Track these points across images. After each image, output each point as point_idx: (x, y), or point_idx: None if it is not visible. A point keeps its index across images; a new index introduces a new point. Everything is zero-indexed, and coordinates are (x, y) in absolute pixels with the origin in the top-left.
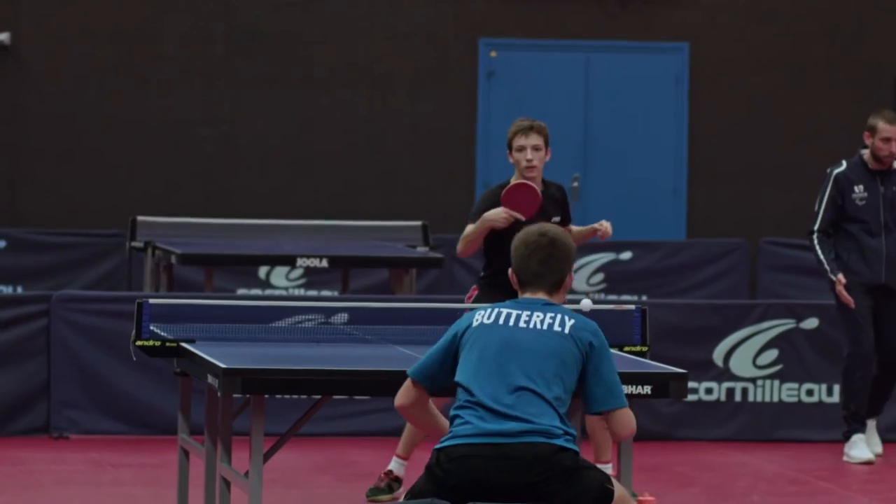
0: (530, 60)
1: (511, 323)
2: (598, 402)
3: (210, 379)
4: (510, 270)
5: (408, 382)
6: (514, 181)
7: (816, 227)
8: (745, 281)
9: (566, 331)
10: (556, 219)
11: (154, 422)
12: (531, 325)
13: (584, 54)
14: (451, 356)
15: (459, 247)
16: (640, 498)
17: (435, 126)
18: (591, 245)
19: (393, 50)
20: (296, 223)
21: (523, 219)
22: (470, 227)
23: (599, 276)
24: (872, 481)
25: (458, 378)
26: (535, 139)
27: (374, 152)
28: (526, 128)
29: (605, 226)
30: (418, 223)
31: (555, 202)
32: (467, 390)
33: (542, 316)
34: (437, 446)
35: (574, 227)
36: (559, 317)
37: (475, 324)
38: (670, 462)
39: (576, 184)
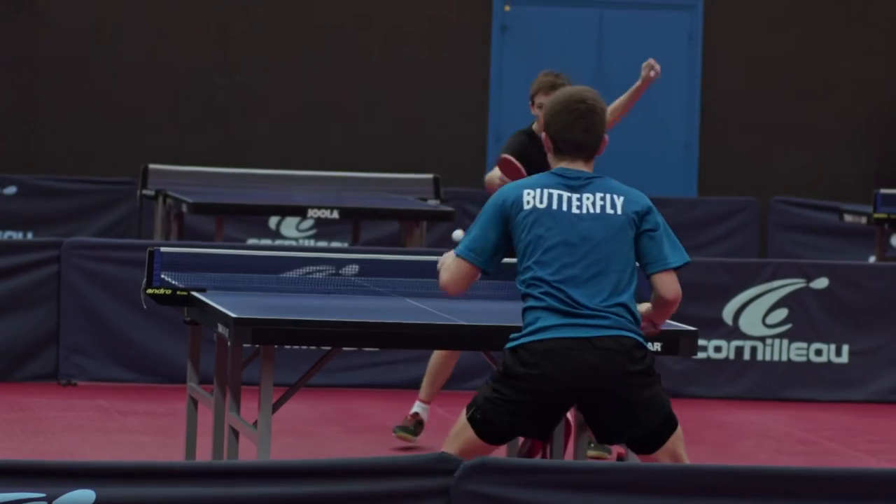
0: (544, 15)
1: (565, 208)
2: (664, 259)
3: (220, 328)
4: (543, 135)
5: (457, 260)
6: (535, 127)
7: None
8: (754, 239)
9: (618, 211)
10: None
11: (163, 370)
12: (585, 210)
13: (598, 10)
14: (501, 232)
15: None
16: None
17: (447, 79)
18: None
19: (407, 2)
20: (307, 174)
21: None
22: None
23: None
24: (880, 441)
25: (528, 265)
26: None
27: (387, 104)
28: (549, 85)
29: (651, 63)
30: (429, 176)
31: None
32: (543, 281)
33: (592, 198)
34: (513, 344)
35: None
36: (609, 197)
37: (527, 206)
38: (678, 419)
39: None
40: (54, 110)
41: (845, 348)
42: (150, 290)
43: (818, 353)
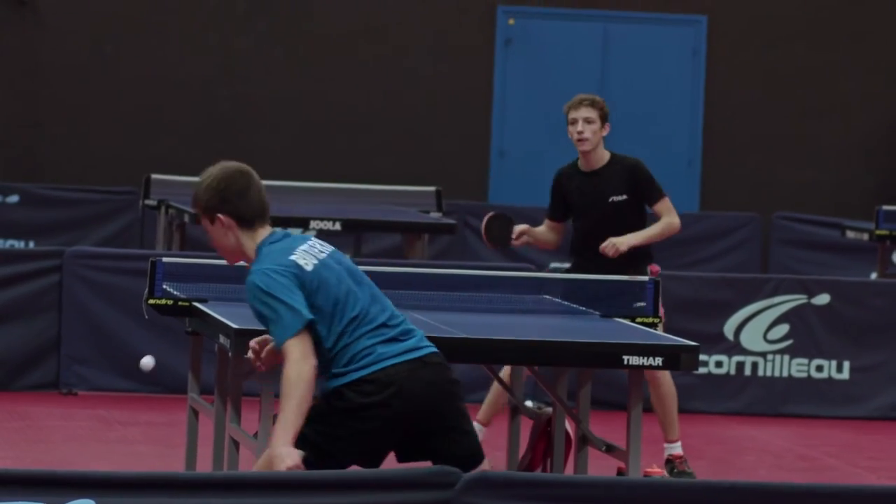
0: (548, 29)
1: (320, 257)
2: None
3: (221, 339)
4: (219, 217)
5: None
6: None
7: None
8: (757, 255)
9: (325, 247)
10: (620, 198)
11: (164, 380)
12: (323, 254)
13: (603, 24)
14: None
15: None
16: (648, 470)
17: (451, 92)
18: None
19: (412, 14)
20: (310, 185)
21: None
22: None
23: None
24: (880, 458)
25: (343, 314)
26: (585, 112)
27: (390, 117)
28: (577, 101)
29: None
30: (432, 188)
31: (617, 179)
32: (358, 320)
33: (313, 243)
34: (347, 380)
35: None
36: (318, 242)
37: (309, 268)
38: (679, 435)
39: None
40: (57, 120)
41: (846, 364)
42: (151, 301)
43: (819, 369)
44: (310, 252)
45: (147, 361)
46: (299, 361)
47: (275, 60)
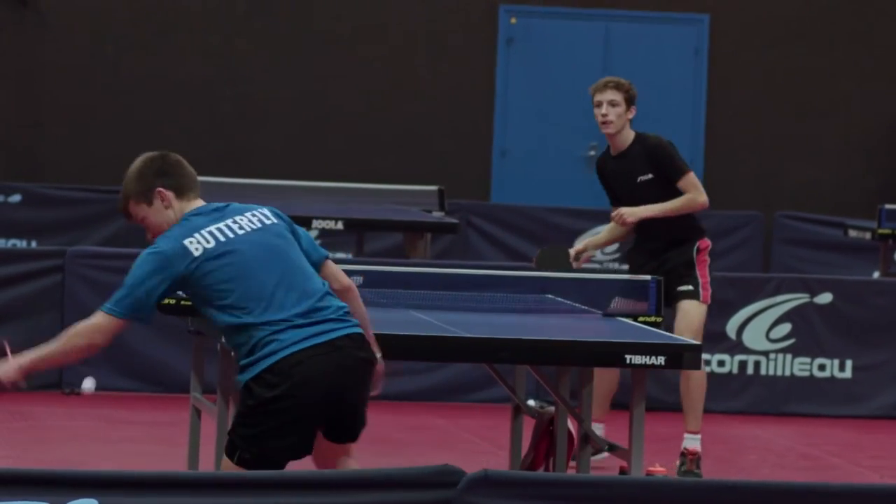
0: (550, 28)
1: (238, 232)
2: (314, 252)
3: (223, 338)
4: (158, 190)
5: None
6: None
7: None
8: (759, 254)
9: (272, 218)
10: (646, 177)
11: (166, 380)
12: (243, 231)
13: (604, 23)
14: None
15: None
16: (651, 468)
17: (453, 91)
18: (606, 214)
19: (413, 13)
20: (312, 184)
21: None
22: None
23: (614, 247)
24: (883, 457)
25: (246, 301)
26: (610, 94)
27: (392, 116)
28: (602, 84)
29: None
30: (434, 188)
31: (640, 159)
32: (262, 307)
33: (242, 217)
34: (251, 374)
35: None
36: (257, 210)
37: (198, 252)
38: (682, 433)
39: (593, 153)
40: (59, 120)
41: (849, 363)
42: None
43: (821, 368)
44: (225, 231)
45: (88, 384)
46: (91, 331)
47: (276, 60)
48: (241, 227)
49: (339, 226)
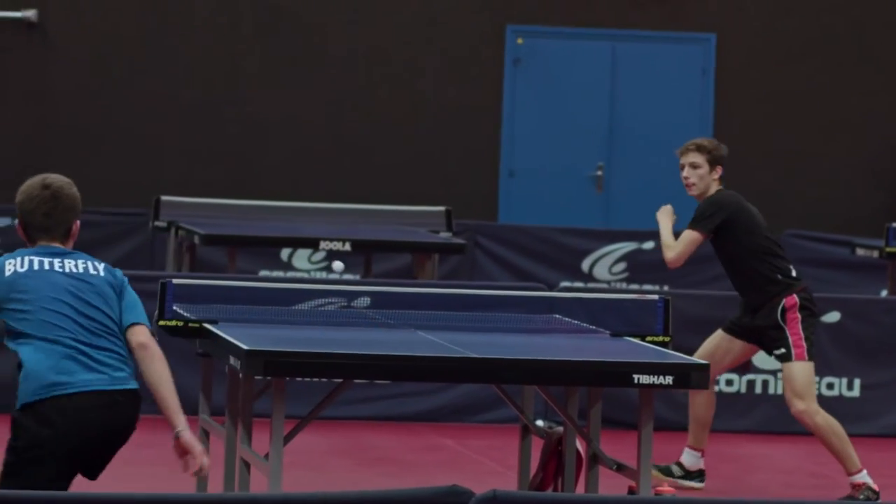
0: (557, 48)
1: (47, 268)
2: (132, 315)
3: (232, 360)
4: (18, 224)
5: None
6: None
7: None
8: None
9: (101, 273)
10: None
11: None
12: (67, 270)
13: (611, 43)
14: None
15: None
16: (659, 488)
17: (460, 112)
18: (614, 234)
19: (420, 34)
20: (319, 206)
21: None
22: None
23: (622, 266)
24: (891, 476)
25: (26, 330)
26: (692, 157)
27: (399, 137)
28: (685, 147)
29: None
30: (442, 208)
31: None
32: (47, 340)
33: (73, 262)
34: (30, 399)
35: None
36: (89, 263)
37: (6, 274)
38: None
39: (600, 173)
40: (66, 141)
41: (857, 382)
42: (162, 322)
43: (830, 386)
44: (43, 265)
45: (338, 266)
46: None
47: (283, 81)
48: (59, 268)
49: (347, 247)
